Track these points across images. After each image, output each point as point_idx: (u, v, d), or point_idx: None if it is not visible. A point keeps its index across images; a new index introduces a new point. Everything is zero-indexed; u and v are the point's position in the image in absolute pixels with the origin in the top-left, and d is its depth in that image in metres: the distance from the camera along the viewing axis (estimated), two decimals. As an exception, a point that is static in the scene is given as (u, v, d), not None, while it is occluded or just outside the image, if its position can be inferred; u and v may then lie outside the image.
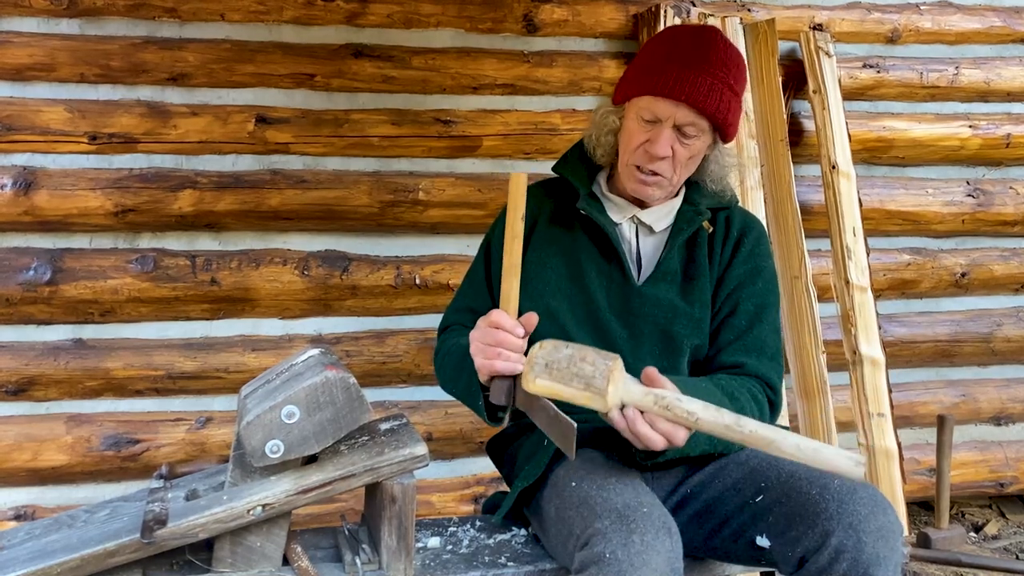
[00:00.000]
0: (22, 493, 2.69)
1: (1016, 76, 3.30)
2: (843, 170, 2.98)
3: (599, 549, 1.27)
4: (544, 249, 1.66)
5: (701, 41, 1.54)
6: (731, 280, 1.63)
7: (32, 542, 1.39)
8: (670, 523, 1.33)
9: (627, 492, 1.37)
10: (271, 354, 2.78)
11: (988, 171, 3.36)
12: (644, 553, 1.25)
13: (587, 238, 1.64)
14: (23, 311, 2.65)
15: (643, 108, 1.54)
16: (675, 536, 1.31)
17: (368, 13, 2.81)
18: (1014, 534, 3.21)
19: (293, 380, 1.41)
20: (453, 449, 2.93)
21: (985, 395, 3.32)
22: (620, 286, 1.61)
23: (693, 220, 1.62)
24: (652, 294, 1.60)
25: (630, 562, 1.24)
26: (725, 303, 1.62)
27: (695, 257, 1.63)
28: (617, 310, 1.61)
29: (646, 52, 1.59)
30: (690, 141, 1.54)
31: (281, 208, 2.76)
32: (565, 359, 1.28)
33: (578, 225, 1.66)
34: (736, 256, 1.64)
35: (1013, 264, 3.34)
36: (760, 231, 1.69)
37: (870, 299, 2.92)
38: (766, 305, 1.62)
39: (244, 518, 1.37)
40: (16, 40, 2.61)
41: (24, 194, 2.62)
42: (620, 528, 1.28)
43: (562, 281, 1.63)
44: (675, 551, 1.30)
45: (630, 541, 1.26)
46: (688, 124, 1.52)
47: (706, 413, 1.26)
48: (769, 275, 1.65)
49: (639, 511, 1.31)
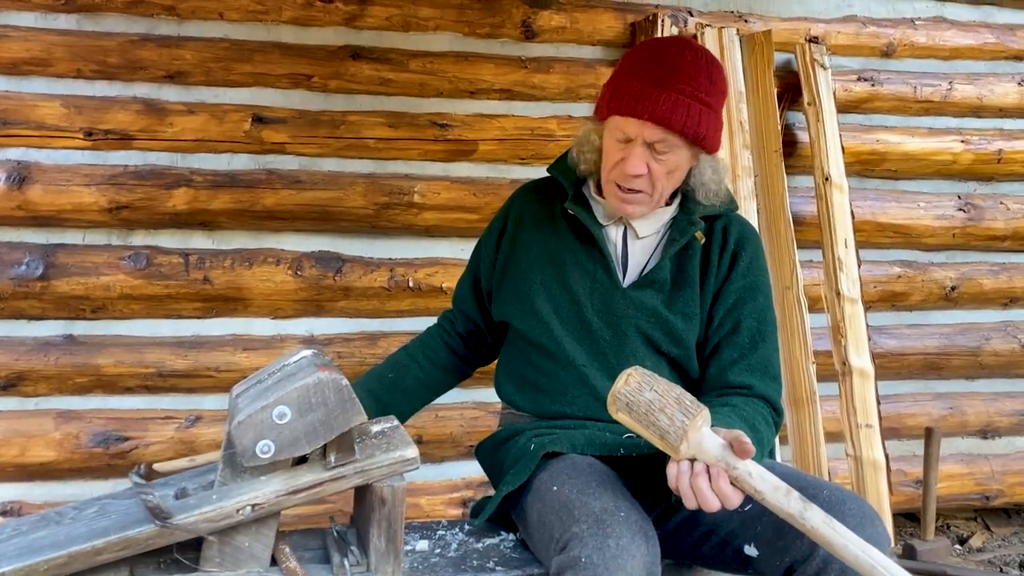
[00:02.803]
0: (9, 489, 2.67)
1: (1008, 92, 3.33)
2: (836, 182, 2.99)
3: (575, 553, 1.28)
4: (530, 249, 1.69)
5: (667, 55, 1.54)
6: (729, 295, 1.62)
7: (19, 538, 1.38)
8: (647, 528, 1.33)
9: (606, 497, 1.38)
10: (263, 354, 2.78)
11: (979, 186, 3.39)
12: (619, 557, 1.25)
13: (574, 238, 1.66)
14: (14, 306, 2.65)
15: (614, 128, 1.56)
16: (652, 541, 1.32)
17: (367, 15, 2.81)
18: (999, 547, 3.23)
19: (285, 380, 1.41)
20: (443, 452, 2.94)
21: (972, 408, 3.34)
22: (604, 287, 1.62)
23: (686, 230, 1.62)
24: (636, 298, 1.61)
25: (605, 566, 1.25)
26: (726, 319, 1.61)
27: (684, 267, 1.63)
28: (600, 310, 1.62)
29: (619, 69, 1.60)
30: (664, 157, 1.54)
31: (276, 208, 2.76)
32: (645, 404, 1.25)
33: (565, 225, 1.68)
34: (734, 269, 1.63)
35: (1002, 279, 3.36)
36: (756, 242, 1.69)
37: (860, 311, 2.93)
38: (767, 321, 1.62)
39: (233, 518, 1.37)
40: (13, 34, 2.61)
41: (18, 189, 2.61)
42: (596, 532, 1.29)
43: (548, 281, 1.65)
44: (651, 555, 1.30)
45: (605, 545, 1.27)
46: (658, 141, 1.52)
47: (774, 496, 1.23)
48: (768, 290, 1.66)
49: (616, 515, 1.32)
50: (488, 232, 1.82)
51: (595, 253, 1.64)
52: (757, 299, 1.62)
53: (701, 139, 1.55)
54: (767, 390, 1.57)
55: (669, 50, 1.56)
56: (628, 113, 1.52)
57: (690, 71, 1.53)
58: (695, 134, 1.53)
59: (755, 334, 1.60)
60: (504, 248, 1.75)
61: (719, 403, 1.51)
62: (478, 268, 1.83)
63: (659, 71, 1.52)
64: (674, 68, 1.53)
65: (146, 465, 1.54)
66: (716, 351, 1.61)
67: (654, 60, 1.54)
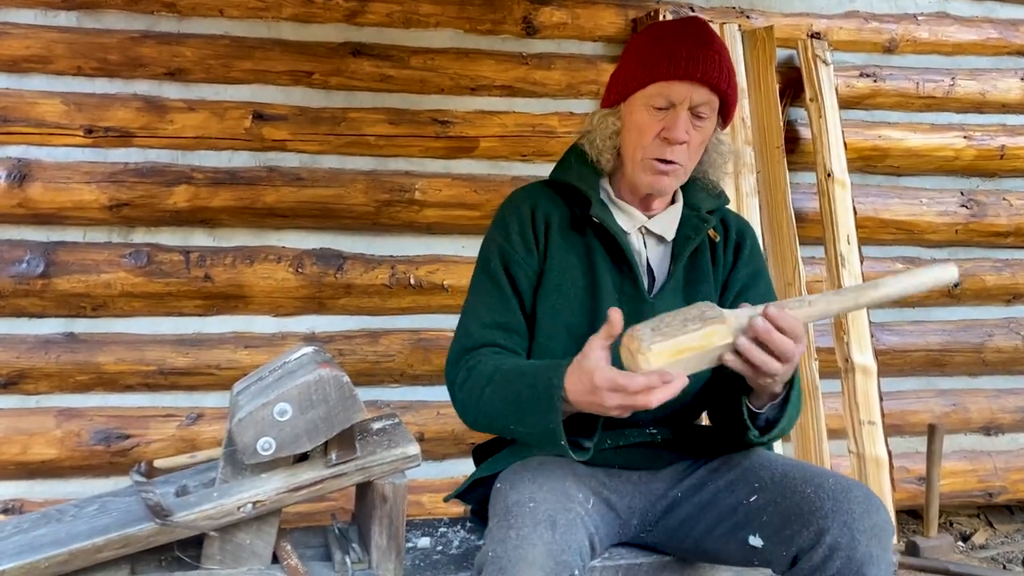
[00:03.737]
0: (10, 487, 2.67)
1: (1011, 88, 3.32)
2: (838, 178, 2.99)
3: (485, 548, 1.30)
4: (563, 258, 1.58)
5: (696, 26, 1.55)
6: (735, 284, 1.62)
7: (20, 536, 1.38)
8: (557, 516, 1.30)
9: (526, 491, 1.35)
10: (264, 351, 2.77)
11: (982, 182, 3.38)
12: (520, 548, 1.25)
13: (601, 248, 1.58)
14: (15, 304, 2.64)
15: (654, 96, 1.50)
16: (561, 528, 1.29)
17: (367, 12, 2.81)
18: (1002, 544, 3.22)
19: (286, 377, 1.41)
20: (444, 450, 2.93)
21: (976, 405, 3.34)
22: (632, 299, 1.56)
23: (699, 227, 1.60)
24: (662, 309, 1.52)
25: (508, 558, 1.24)
26: (733, 305, 1.60)
27: (697, 263, 1.61)
28: (628, 324, 1.56)
29: (639, 47, 1.56)
30: (703, 124, 1.52)
31: (276, 205, 2.76)
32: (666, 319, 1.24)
33: (591, 233, 1.59)
34: (739, 259, 1.63)
35: (1005, 275, 3.35)
36: (752, 231, 1.71)
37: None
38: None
39: (234, 515, 1.37)
40: (13, 31, 2.60)
41: (18, 186, 2.61)
42: (502, 526, 1.30)
43: (580, 293, 1.56)
44: (559, 543, 1.27)
45: (507, 537, 1.27)
46: (703, 104, 1.50)
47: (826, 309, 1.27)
48: (767, 275, 1.67)
49: (524, 507, 1.31)
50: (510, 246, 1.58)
51: (622, 264, 1.57)
52: (760, 285, 1.63)
53: (731, 106, 1.55)
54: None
55: (696, 21, 1.56)
56: (678, 76, 1.47)
57: (719, 40, 1.54)
58: (731, 100, 1.53)
59: None
60: (540, 258, 1.58)
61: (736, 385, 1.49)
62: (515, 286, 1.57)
63: (698, 36, 1.51)
64: (707, 35, 1.52)
65: (147, 463, 1.54)
66: None
67: (688, 29, 1.53)
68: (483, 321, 1.54)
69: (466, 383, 1.49)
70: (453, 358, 1.55)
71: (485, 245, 1.63)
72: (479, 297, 1.57)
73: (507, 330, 1.53)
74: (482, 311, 1.55)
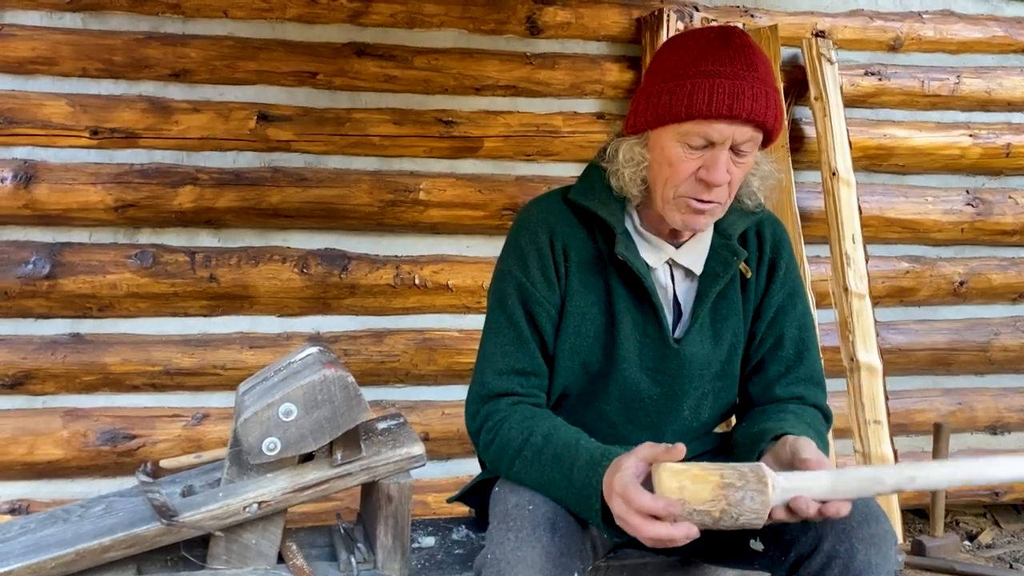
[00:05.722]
0: (17, 487, 2.68)
1: (1017, 86, 3.31)
2: (843, 177, 2.98)
3: (485, 551, 1.30)
4: (584, 296, 1.47)
5: (737, 42, 1.34)
6: (770, 307, 1.52)
7: (27, 536, 1.38)
8: (557, 519, 1.31)
9: (526, 493, 1.36)
10: (269, 352, 2.78)
11: (988, 180, 3.36)
12: (519, 550, 1.25)
13: (622, 285, 1.46)
14: (21, 304, 2.65)
15: (689, 134, 1.33)
16: (560, 531, 1.29)
17: (371, 12, 2.81)
18: (1008, 543, 3.21)
19: (291, 378, 1.41)
20: (449, 450, 2.93)
21: (981, 404, 3.33)
22: (655, 341, 1.47)
23: (728, 262, 1.47)
24: (689, 354, 1.47)
25: (506, 560, 1.25)
26: (768, 333, 1.53)
27: (726, 295, 1.50)
28: (650, 368, 1.48)
29: (673, 68, 1.36)
30: (744, 159, 1.36)
31: (281, 206, 2.76)
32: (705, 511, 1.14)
33: (612, 269, 1.47)
34: (773, 281, 1.52)
35: (1011, 273, 3.34)
36: (788, 239, 1.57)
37: (868, 306, 2.92)
38: (807, 327, 1.55)
39: (240, 515, 1.37)
40: (19, 33, 2.61)
41: (24, 187, 2.61)
42: (501, 528, 1.30)
43: (600, 332, 1.47)
44: (558, 545, 1.28)
45: (506, 539, 1.27)
46: (746, 141, 1.34)
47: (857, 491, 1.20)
48: (803, 289, 1.57)
49: (524, 510, 1.32)
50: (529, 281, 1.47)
51: (645, 304, 1.46)
52: (797, 306, 1.53)
53: (776, 132, 1.38)
54: (818, 399, 1.54)
55: (733, 37, 1.35)
56: (720, 114, 1.30)
57: (761, 58, 1.35)
58: (777, 130, 1.36)
59: (799, 344, 1.53)
60: (561, 293, 1.48)
61: (775, 410, 1.47)
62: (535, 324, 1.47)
63: (738, 62, 1.32)
64: (744, 55, 1.33)
65: (153, 463, 1.54)
66: (760, 368, 1.54)
67: (718, 51, 1.33)
68: (498, 368, 1.45)
69: (491, 447, 1.42)
70: (471, 409, 1.49)
71: (500, 277, 1.51)
72: (495, 339, 1.47)
73: (525, 375, 1.45)
74: (497, 357, 1.46)
